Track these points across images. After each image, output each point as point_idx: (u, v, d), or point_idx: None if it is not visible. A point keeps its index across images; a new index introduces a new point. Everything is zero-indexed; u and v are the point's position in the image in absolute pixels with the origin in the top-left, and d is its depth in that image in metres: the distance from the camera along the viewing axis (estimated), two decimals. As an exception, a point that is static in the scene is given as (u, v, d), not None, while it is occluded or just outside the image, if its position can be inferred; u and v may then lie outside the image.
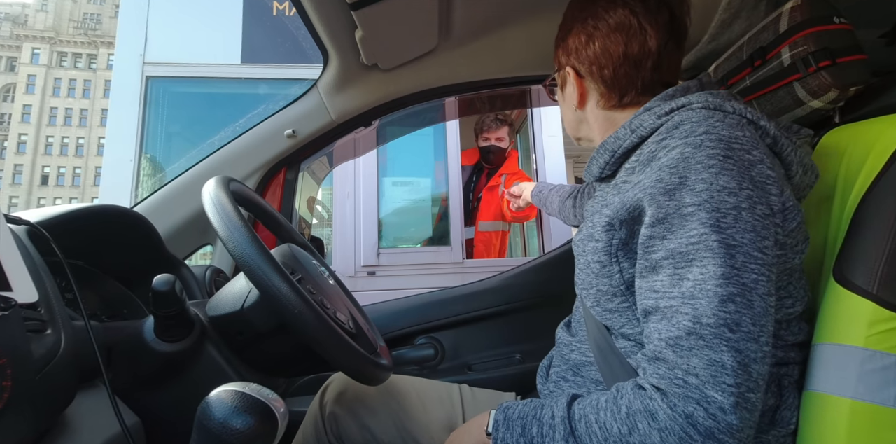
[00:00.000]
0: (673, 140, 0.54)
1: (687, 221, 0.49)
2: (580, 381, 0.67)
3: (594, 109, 0.72)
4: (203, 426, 0.39)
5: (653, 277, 0.51)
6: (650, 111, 0.62)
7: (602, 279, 0.59)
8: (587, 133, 0.76)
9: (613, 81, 0.68)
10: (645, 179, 0.54)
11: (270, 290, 0.55)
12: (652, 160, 0.55)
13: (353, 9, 0.88)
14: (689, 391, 0.45)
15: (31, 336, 0.43)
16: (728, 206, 0.48)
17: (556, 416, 0.53)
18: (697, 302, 0.47)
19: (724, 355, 0.45)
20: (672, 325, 0.48)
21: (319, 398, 0.81)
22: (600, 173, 0.68)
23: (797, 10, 0.69)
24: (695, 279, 0.48)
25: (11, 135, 45.30)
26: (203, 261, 1.34)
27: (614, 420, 0.49)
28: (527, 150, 3.30)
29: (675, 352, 0.47)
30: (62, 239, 0.57)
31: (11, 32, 48.17)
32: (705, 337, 0.46)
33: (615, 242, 0.57)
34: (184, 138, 3.00)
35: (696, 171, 0.50)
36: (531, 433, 0.54)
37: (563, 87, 0.76)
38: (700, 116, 0.55)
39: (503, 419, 0.57)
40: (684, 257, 0.49)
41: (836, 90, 0.65)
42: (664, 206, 0.50)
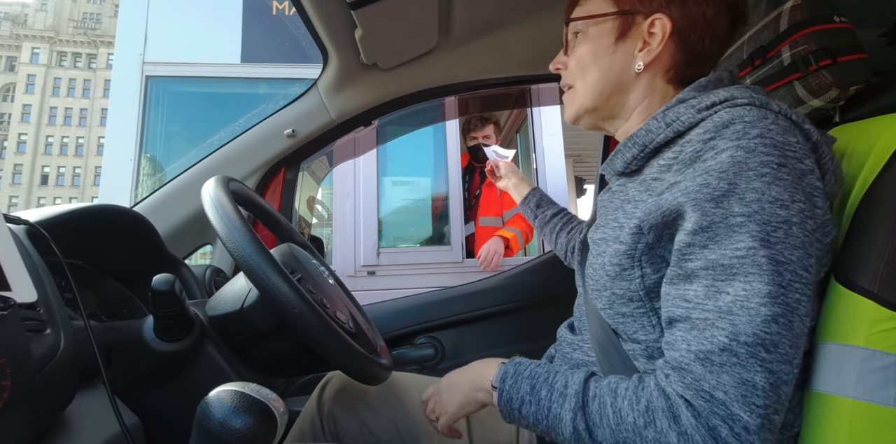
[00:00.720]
0: (723, 141, 0.49)
1: (734, 231, 0.46)
2: None
3: (655, 77, 0.62)
4: (202, 425, 0.38)
5: (685, 285, 0.49)
6: (686, 103, 0.56)
7: (619, 283, 0.56)
8: (614, 106, 0.64)
9: (700, 55, 0.60)
10: (687, 182, 0.49)
11: (270, 290, 0.55)
12: (696, 161, 0.50)
13: (353, 8, 0.88)
14: (714, 407, 0.44)
15: (31, 336, 0.43)
16: (779, 219, 0.45)
17: (569, 386, 0.52)
18: (737, 319, 0.44)
19: (757, 376, 0.43)
20: (704, 338, 0.46)
21: (317, 395, 0.80)
22: (624, 168, 0.62)
23: (797, 9, 0.69)
24: (736, 295, 0.45)
25: (11, 134, 45.29)
26: (203, 261, 1.34)
27: (631, 410, 0.47)
28: (527, 149, 3.30)
29: (705, 366, 0.45)
30: (61, 239, 0.57)
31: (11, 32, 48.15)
32: (740, 355, 0.44)
33: (640, 246, 0.54)
34: (183, 138, 3.00)
35: (748, 178, 0.46)
36: (539, 395, 0.53)
37: (624, 35, 0.61)
38: (753, 116, 0.49)
39: (513, 373, 0.56)
40: (727, 270, 0.46)
41: (837, 89, 0.65)
42: (710, 213, 0.47)
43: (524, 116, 3.36)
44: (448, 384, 0.64)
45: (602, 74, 0.63)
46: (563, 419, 0.50)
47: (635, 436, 0.46)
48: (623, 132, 0.67)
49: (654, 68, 0.62)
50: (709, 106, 0.54)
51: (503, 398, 0.55)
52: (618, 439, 0.47)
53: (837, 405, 0.52)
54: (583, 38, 0.65)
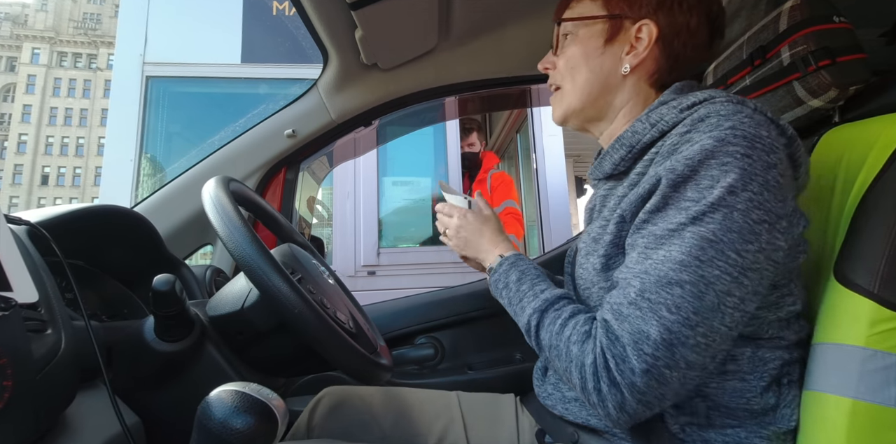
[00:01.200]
0: (697, 134, 0.52)
1: (678, 212, 0.50)
2: None
3: (639, 81, 0.65)
4: (203, 425, 0.39)
5: (630, 253, 0.54)
6: (667, 105, 0.59)
7: (604, 274, 0.59)
8: (601, 107, 0.67)
9: (681, 62, 0.64)
10: (660, 170, 0.53)
11: (270, 290, 0.55)
12: (673, 153, 0.54)
13: (353, 9, 0.88)
14: (613, 346, 0.50)
15: (32, 336, 0.43)
16: (723, 203, 0.48)
17: (545, 292, 0.62)
18: (647, 278, 0.50)
19: (652, 329, 0.48)
20: (621, 294, 0.52)
21: (308, 415, 0.76)
22: (613, 170, 0.64)
23: (797, 9, 0.69)
24: (655, 260, 0.50)
25: (11, 135, 45.32)
26: (203, 261, 1.34)
27: (573, 329, 0.55)
28: (527, 149, 3.30)
29: (614, 315, 0.51)
30: (62, 239, 0.57)
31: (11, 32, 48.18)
32: (642, 309, 0.49)
33: (624, 234, 0.57)
34: (184, 138, 3.00)
35: (708, 166, 0.50)
36: (521, 286, 0.65)
37: (613, 38, 0.64)
38: (728, 110, 0.52)
39: (509, 262, 0.69)
40: (657, 240, 0.51)
41: (836, 89, 0.65)
42: (668, 196, 0.51)
43: (524, 117, 3.36)
44: (469, 233, 0.76)
45: (591, 75, 0.65)
46: (525, 310, 0.62)
47: (564, 346, 0.55)
48: (607, 135, 0.69)
49: (640, 72, 0.64)
50: (689, 105, 0.57)
51: (493, 277, 0.69)
52: (551, 343, 0.57)
53: (837, 405, 0.52)
54: (573, 40, 0.67)
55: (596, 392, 0.51)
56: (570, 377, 0.54)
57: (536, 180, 3.10)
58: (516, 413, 0.75)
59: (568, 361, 0.54)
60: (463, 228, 0.76)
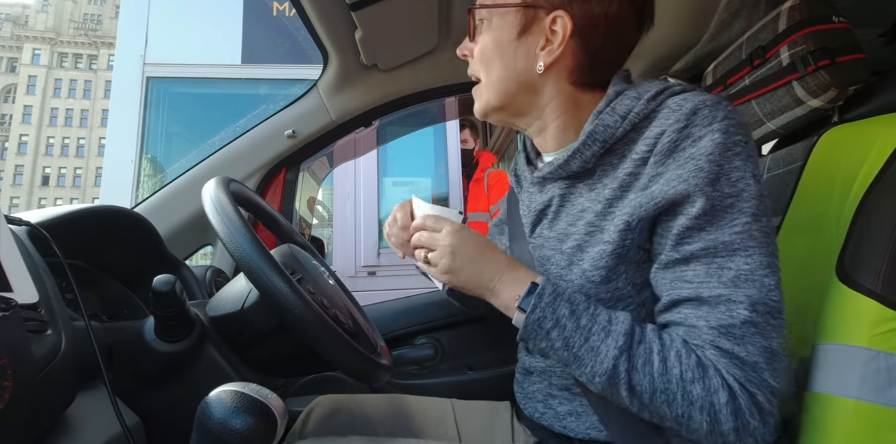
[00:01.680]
0: (696, 128, 0.50)
1: (728, 212, 0.49)
2: (569, 394, 0.62)
3: (559, 80, 0.60)
4: (203, 425, 0.39)
5: (682, 267, 0.50)
6: (627, 96, 0.56)
7: (606, 286, 0.54)
8: (523, 104, 0.62)
9: (602, 54, 0.58)
10: (678, 171, 0.50)
11: (270, 290, 0.55)
12: (675, 151, 0.51)
13: (353, 9, 0.88)
14: (749, 375, 0.46)
15: (32, 337, 0.43)
16: (756, 193, 0.49)
17: (615, 323, 0.50)
18: (749, 291, 0.47)
19: (773, 342, 0.46)
20: (722, 313, 0.47)
21: (301, 425, 0.71)
22: (581, 168, 0.59)
23: (796, 9, 0.69)
24: (738, 269, 0.47)
25: (12, 136, 45.37)
26: (203, 261, 1.34)
27: (678, 362, 0.47)
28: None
29: (731, 340, 0.47)
30: (63, 240, 0.57)
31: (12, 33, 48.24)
32: (759, 325, 0.46)
33: (628, 243, 0.53)
34: (184, 139, 3.01)
35: (728, 158, 0.49)
36: (579, 322, 0.50)
37: (527, 30, 0.59)
38: (711, 101, 0.51)
39: (551, 292, 0.52)
40: (728, 246, 0.48)
41: (835, 89, 0.65)
42: (711, 197, 0.49)
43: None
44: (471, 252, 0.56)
45: (506, 72, 0.60)
46: (601, 353, 0.48)
47: (678, 388, 0.47)
48: (537, 128, 0.64)
49: (558, 70, 0.59)
50: (653, 96, 0.54)
51: (535, 315, 0.51)
52: (656, 387, 0.47)
53: (839, 406, 0.52)
54: (487, 27, 0.62)
55: (735, 432, 0.46)
56: (690, 421, 0.47)
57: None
58: (511, 422, 0.75)
59: (687, 404, 0.46)
60: (462, 245, 0.56)
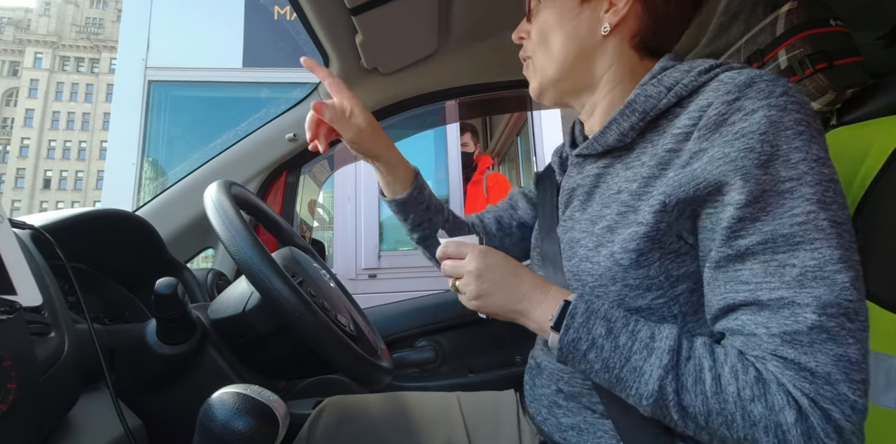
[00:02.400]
0: (749, 101, 0.45)
1: (786, 198, 0.42)
2: (574, 406, 0.60)
3: (621, 43, 0.58)
4: (205, 427, 0.39)
5: (737, 266, 0.44)
6: (675, 69, 0.53)
7: (635, 271, 0.50)
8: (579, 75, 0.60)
9: (666, 20, 0.57)
10: (724, 148, 0.44)
11: (271, 293, 0.55)
12: (722, 124, 0.45)
13: (353, 14, 0.88)
14: (820, 389, 0.40)
15: (35, 339, 0.44)
16: (826, 178, 0.42)
17: (657, 339, 0.45)
18: (817, 291, 0.40)
19: (850, 349, 0.40)
20: (785, 318, 0.41)
21: (309, 427, 0.70)
22: (618, 142, 0.55)
23: (794, 12, 0.69)
24: (804, 265, 0.41)
25: (14, 139, 45.49)
26: (205, 264, 1.35)
27: (734, 379, 0.42)
28: (527, 152, 3.31)
29: (796, 348, 0.41)
30: (65, 243, 0.57)
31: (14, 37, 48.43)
32: (830, 330, 0.40)
33: (663, 225, 0.49)
34: (186, 142, 3.02)
35: (787, 138, 0.43)
36: (617, 342, 0.46)
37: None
38: (770, 75, 0.46)
39: (584, 310, 0.48)
40: (788, 240, 0.42)
41: (833, 92, 0.66)
42: (761, 181, 0.43)
43: (524, 120, 3.37)
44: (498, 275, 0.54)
45: (566, 39, 0.59)
46: (645, 374, 0.44)
47: (736, 408, 0.42)
48: (589, 107, 0.63)
49: (621, 32, 0.58)
50: (707, 69, 0.51)
51: (569, 337, 0.48)
52: (710, 408, 0.42)
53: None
54: (545, 3, 0.61)
55: None
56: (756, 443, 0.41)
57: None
58: (518, 411, 0.75)
59: (749, 426, 0.41)
60: (488, 270, 0.54)
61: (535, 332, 0.54)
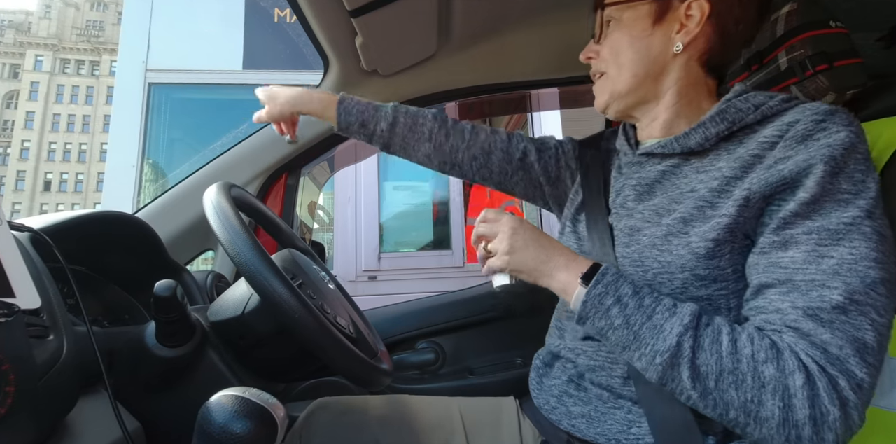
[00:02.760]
0: (834, 125, 0.50)
1: (841, 205, 0.48)
2: (585, 395, 0.62)
3: (690, 60, 0.62)
4: (203, 430, 0.39)
5: (779, 253, 0.49)
6: (760, 93, 0.58)
7: (708, 262, 0.53)
8: (648, 90, 0.64)
9: (733, 40, 0.62)
10: (809, 153, 0.49)
11: (271, 295, 0.55)
12: (808, 138, 0.51)
13: (353, 16, 0.88)
14: (830, 359, 0.43)
15: (34, 342, 0.43)
16: (875, 196, 0.48)
17: (679, 306, 0.49)
18: (848, 279, 0.44)
19: (868, 335, 0.43)
20: (811, 298, 0.45)
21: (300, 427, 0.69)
22: (699, 146, 0.59)
23: (793, 14, 0.69)
24: (841, 258, 0.45)
25: (14, 141, 45.54)
26: (204, 266, 1.35)
27: (750, 342, 0.46)
28: (527, 154, 3.31)
29: (815, 322, 0.44)
30: (64, 245, 0.57)
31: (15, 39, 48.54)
32: (850, 314, 0.44)
33: (741, 219, 0.52)
34: (186, 144, 3.02)
35: (856, 160, 0.49)
36: (642, 301, 0.50)
37: (661, 18, 0.62)
38: (846, 111, 0.53)
39: (615, 273, 0.52)
40: (833, 235, 0.47)
41: (833, 94, 0.66)
42: (826, 188, 0.48)
43: (524, 121, 3.37)
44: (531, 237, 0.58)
45: (638, 56, 0.63)
46: (665, 330, 0.47)
47: (748, 368, 0.44)
48: (650, 117, 0.66)
49: (691, 50, 0.62)
50: (788, 99, 0.56)
51: (597, 290, 0.51)
52: (723, 367, 0.45)
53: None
54: (616, 25, 0.64)
55: (812, 423, 0.42)
56: (760, 408, 0.44)
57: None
58: (518, 419, 0.74)
59: (758, 387, 0.44)
60: (522, 229, 0.58)
61: (556, 291, 0.56)
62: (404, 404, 0.77)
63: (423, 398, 0.80)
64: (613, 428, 0.58)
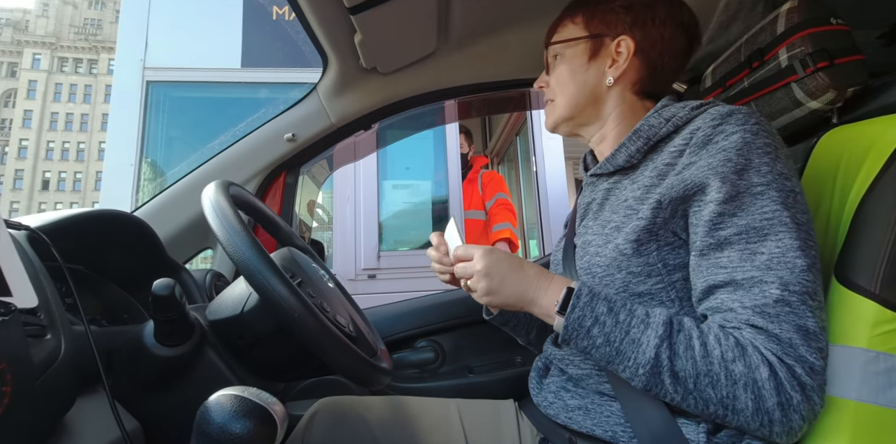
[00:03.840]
0: (730, 126, 0.56)
1: (758, 198, 0.52)
2: (582, 391, 0.65)
3: (624, 90, 0.71)
4: (202, 430, 0.38)
5: (717, 254, 0.53)
6: (672, 106, 0.65)
7: (636, 259, 0.59)
8: (589, 115, 0.72)
9: (661, 70, 0.70)
10: (708, 159, 0.55)
11: (270, 294, 0.55)
12: (708, 143, 0.57)
13: (352, 13, 0.88)
14: (785, 349, 0.48)
15: (31, 341, 0.43)
16: (787, 188, 0.53)
17: (652, 316, 0.53)
18: (780, 273, 0.49)
19: (809, 321, 0.48)
20: (755, 294, 0.50)
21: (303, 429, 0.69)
22: (626, 163, 0.66)
23: (794, 11, 0.69)
24: (770, 252, 0.50)
25: (12, 140, 45.43)
26: (203, 265, 1.34)
27: (718, 344, 0.50)
28: (526, 152, 3.31)
29: (765, 318, 0.49)
30: (62, 244, 0.57)
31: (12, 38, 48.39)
32: (792, 304, 0.48)
33: (659, 220, 0.58)
34: (184, 143, 3.01)
35: (759, 155, 0.54)
36: (617, 318, 0.54)
37: (595, 55, 0.70)
38: (747, 110, 0.58)
39: (588, 292, 0.55)
40: (758, 232, 0.51)
41: (834, 91, 0.66)
42: (736, 184, 0.53)
43: (524, 120, 3.37)
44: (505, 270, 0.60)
45: (578, 89, 0.71)
46: (643, 344, 0.51)
47: (721, 369, 0.49)
48: (598, 137, 0.74)
49: (623, 82, 0.70)
50: (697, 106, 0.62)
51: (574, 314, 0.54)
52: (699, 370, 0.49)
53: (840, 407, 0.52)
54: (560, 60, 0.73)
55: (780, 408, 0.47)
56: (735, 402, 0.49)
57: (536, 183, 3.10)
58: (517, 420, 0.75)
59: (731, 384, 0.49)
60: (494, 266, 0.59)
61: (540, 317, 0.60)
62: (403, 405, 0.78)
63: (422, 400, 0.80)
64: (610, 420, 0.60)
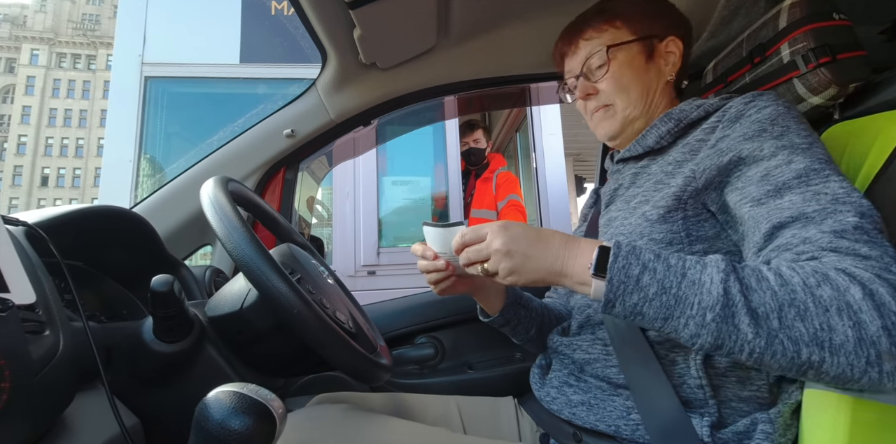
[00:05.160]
0: (762, 101, 0.59)
1: (806, 152, 0.53)
2: (585, 386, 0.65)
3: (668, 85, 0.76)
4: (201, 426, 0.38)
5: (776, 200, 0.51)
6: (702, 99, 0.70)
7: (661, 226, 0.60)
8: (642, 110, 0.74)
9: (689, 59, 0.77)
10: (743, 130, 0.58)
11: (269, 290, 0.55)
12: (740, 117, 0.59)
13: (352, 8, 0.87)
14: (882, 265, 0.43)
15: (30, 338, 0.43)
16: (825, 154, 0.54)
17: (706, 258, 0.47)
18: (851, 206, 0.47)
19: (889, 249, 0.45)
20: (831, 224, 0.46)
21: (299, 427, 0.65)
22: (656, 143, 0.69)
23: (796, 6, 0.68)
24: (835, 192, 0.49)
25: (11, 136, 45.31)
26: (203, 261, 1.34)
27: (794, 272, 0.44)
28: (526, 148, 3.30)
29: (848, 240, 0.45)
30: (61, 240, 0.57)
31: (10, 34, 48.16)
32: (870, 233, 0.45)
33: (690, 189, 0.60)
34: (183, 138, 3.00)
35: (795, 122, 0.57)
36: (668, 262, 0.47)
37: (651, 55, 0.74)
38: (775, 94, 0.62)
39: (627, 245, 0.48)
40: (818, 172, 0.51)
41: (836, 87, 0.65)
42: (779, 144, 0.54)
43: (524, 116, 3.36)
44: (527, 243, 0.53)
45: (644, 89, 0.74)
46: (706, 283, 0.44)
47: (806, 295, 0.42)
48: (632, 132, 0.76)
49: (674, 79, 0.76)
50: (728, 96, 0.66)
51: (618, 264, 0.47)
52: (781, 301, 0.42)
53: (839, 404, 0.51)
54: (615, 64, 0.73)
55: (886, 334, 0.39)
56: (833, 334, 0.41)
57: (536, 179, 3.10)
58: (517, 416, 0.75)
59: (822, 312, 0.41)
60: (514, 242, 0.53)
61: (573, 288, 0.52)
62: (404, 401, 0.78)
63: (422, 397, 0.81)
64: (613, 415, 0.60)
